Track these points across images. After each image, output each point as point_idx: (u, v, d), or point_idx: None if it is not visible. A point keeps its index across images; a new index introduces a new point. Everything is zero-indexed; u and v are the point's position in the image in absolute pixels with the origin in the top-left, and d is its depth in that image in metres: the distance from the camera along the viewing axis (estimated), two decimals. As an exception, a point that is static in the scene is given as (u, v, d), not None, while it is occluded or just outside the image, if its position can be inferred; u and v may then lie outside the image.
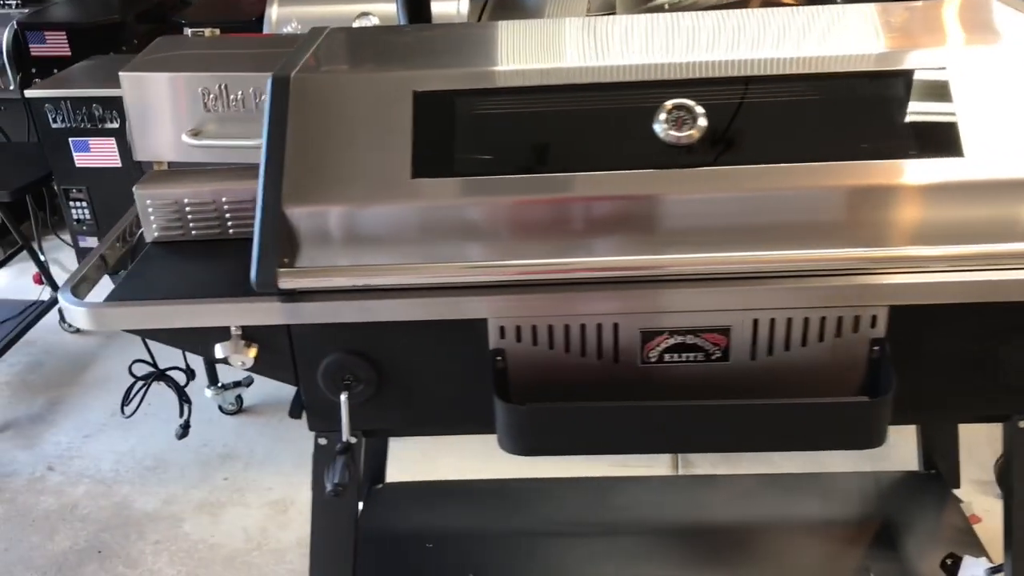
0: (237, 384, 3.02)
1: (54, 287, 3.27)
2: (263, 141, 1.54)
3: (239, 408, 3.07)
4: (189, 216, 1.74)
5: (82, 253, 2.87)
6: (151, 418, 2.93)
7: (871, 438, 1.52)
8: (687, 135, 1.51)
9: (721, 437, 1.53)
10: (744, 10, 1.83)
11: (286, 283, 1.50)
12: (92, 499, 2.70)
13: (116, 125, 2.62)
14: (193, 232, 1.76)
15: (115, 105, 2.58)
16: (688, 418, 1.50)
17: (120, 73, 2.43)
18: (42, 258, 3.34)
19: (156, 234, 1.77)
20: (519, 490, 2.33)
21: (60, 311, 3.01)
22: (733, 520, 2.21)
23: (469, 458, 2.59)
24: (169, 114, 2.52)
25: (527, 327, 1.56)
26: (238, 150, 2.47)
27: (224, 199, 1.73)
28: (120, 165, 2.67)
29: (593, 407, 1.51)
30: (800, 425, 1.51)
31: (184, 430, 2.25)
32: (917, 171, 1.48)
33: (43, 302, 3.32)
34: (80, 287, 1.66)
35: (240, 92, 2.47)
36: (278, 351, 1.61)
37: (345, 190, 1.52)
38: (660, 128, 1.52)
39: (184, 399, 2.16)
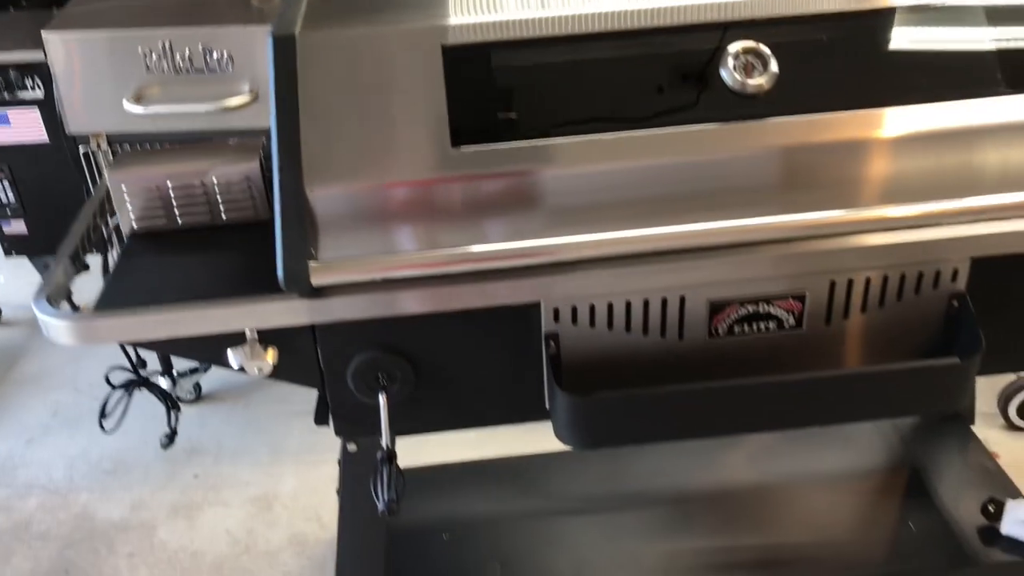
0: (194, 371, 2.77)
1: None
2: (271, 113, 1.31)
3: (198, 396, 2.82)
4: (174, 202, 1.50)
5: (8, 240, 2.55)
6: (101, 415, 2.66)
7: (960, 399, 1.42)
8: (757, 83, 1.35)
9: (804, 412, 1.41)
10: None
11: (319, 279, 1.29)
12: (48, 512, 2.44)
13: (39, 94, 2.30)
14: (179, 220, 1.52)
15: (36, 71, 2.26)
16: (772, 395, 1.38)
17: (43, 33, 2.13)
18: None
19: (135, 224, 1.52)
20: (528, 467, 2.18)
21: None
22: (757, 480, 2.12)
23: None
24: (106, 79, 2.23)
25: (584, 307, 1.40)
26: (191, 117, 2.22)
27: (215, 180, 1.49)
28: (47, 140, 2.35)
29: (668, 391, 1.36)
30: (889, 392, 1.40)
31: (170, 439, 2.02)
32: (1003, 110, 1.36)
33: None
34: (55, 296, 1.41)
35: (187, 49, 2.20)
36: (301, 353, 1.40)
37: (375, 166, 1.31)
38: (728, 75, 1.35)
39: (171, 405, 1.92)
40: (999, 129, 1.36)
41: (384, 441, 1.42)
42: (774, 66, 1.35)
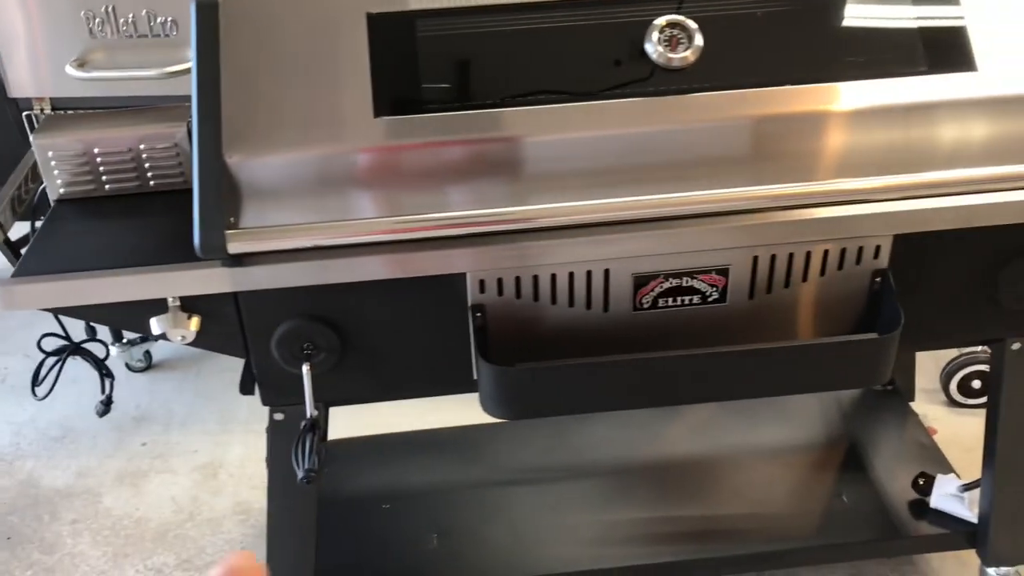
0: (144, 339, 2.76)
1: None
2: (192, 81, 1.30)
3: (149, 364, 2.82)
4: (101, 168, 1.49)
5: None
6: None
7: (881, 374, 1.44)
8: (682, 56, 1.35)
9: (725, 385, 1.43)
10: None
11: (236, 247, 1.29)
12: (-8, 479, 2.43)
13: (-22, 57, 2.26)
14: (107, 187, 1.51)
15: (-24, 33, 2.23)
16: (694, 367, 1.39)
17: (-16, -4, 2.07)
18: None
19: (62, 190, 1.51)
20: (475, 437, 2.20)
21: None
22: (699, 452, 2.14)
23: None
24: (48, 42, 2.20)
25: (510, 279, 1.40)
26: (134, 82, 2.19)
27: (143, 146, 1.48)
28: (-11, 104, 2.32)
29: (591, 363, 1.37)
30: (810, 366, 1.42)
31: (106, 407, 2.01)
32: (927, 89, 1.37)
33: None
34: (-24, 261, 1.40)
35: (131, 15, 2.17)
36: (224, 322, 1.40)
37: (296, 135, 1.31)
38: (652, 48, 1.35)
39: (105, 372, 1.92)
40: (922, 107, 1.37)
41: (307, 410, 1.42)
42: (699, 40, 1.35)
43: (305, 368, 1.40)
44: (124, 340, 2.74)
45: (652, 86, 1.36)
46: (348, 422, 2.27)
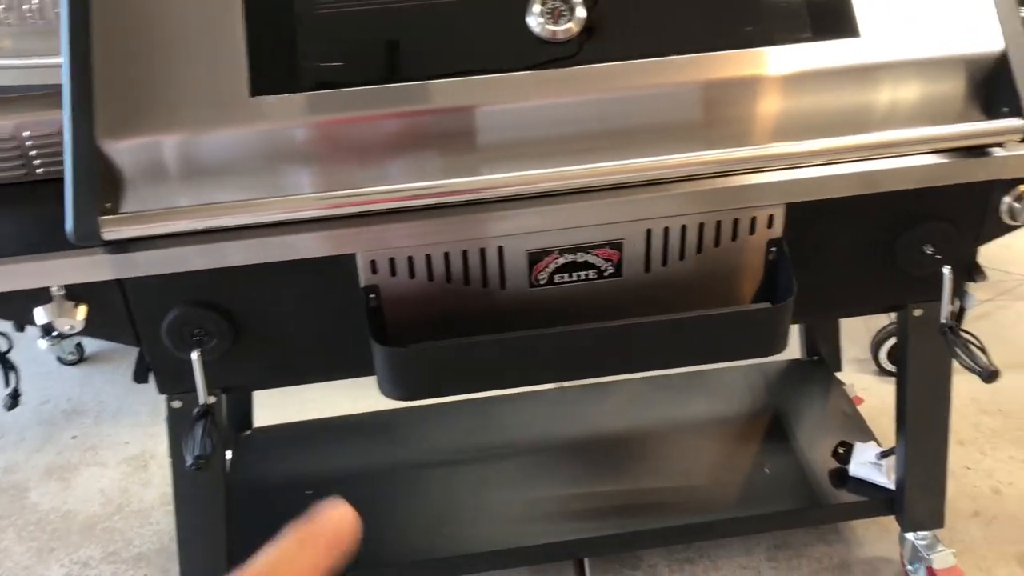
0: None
1: None
2: (63, 63, 1.28)
3: (81, 357, 2.78)
4: (-17, 157, 1.46)
5: None
6: (-22, 378, 2.61)
7: (776, 344, 1.44)
8: (565, 29, 1.34)
9: (623, 358, 1.42)
10: None
11: (111, 232, 1.26)
12: (-84, 477, 2.40)
13: None
14: (-9, 175, 1.48)
15: None
16: (584, 342, 1.38)
17: None
18: None
19: (-56, 181, 1.47)
20: (399, 421, 2.19)
21: None
22: (624, 428, 2.14)
23: (338, 387, 2.41)
24: (-51, 31, 2.15)
25: (402, 259, 1.39)
26: (40, 70, 2.15)
27: (27, 133, 1.45)
28: None
29: (484, 340, 1.36)
30: (703, 338, 1.42)
31: (13, 400, 1.98)
32: (811, 56, 1.36)
33: None
34: None
35: (36, 1, 2.12)
36: (111, 310, 1.38)
37: (171, 115, 1.28)
38: (534, 21, 1.34)
39: (8, 366, 1.88)
40: (807, 75, 1.36)
41: (201, 397, 1.40)
42: (582, 12, 1.34)
43: (195, 355, 1.39)
44: (55, 333, 2.70)
45: (535, 59, 1.35)
46: (276, 410, 2.27)
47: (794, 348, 2.35)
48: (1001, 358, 2.60)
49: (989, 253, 1.71)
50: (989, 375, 1.41)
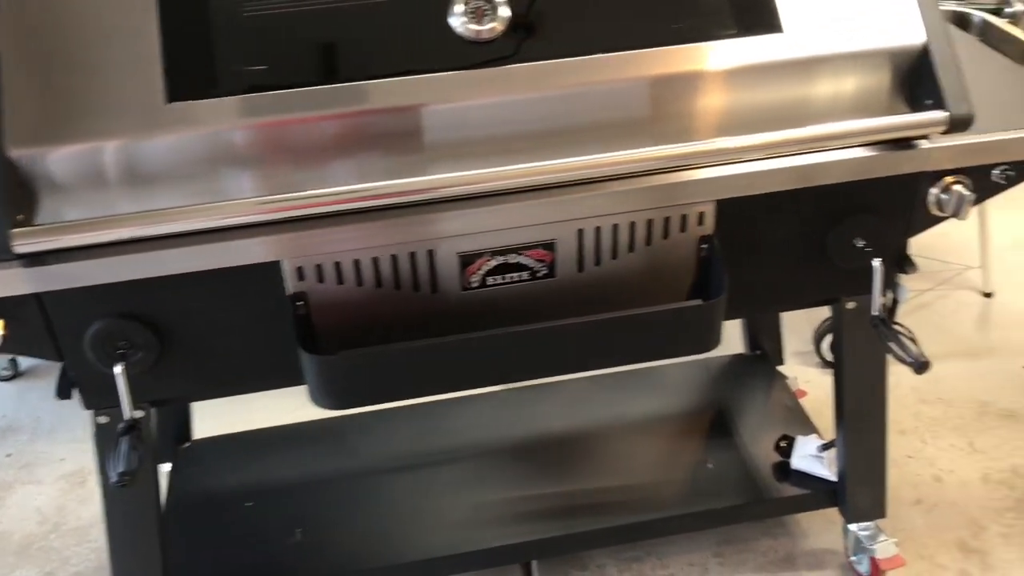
0: (8, 346, 2.65)
1: None
2: (-32, 70, 1.24)
3: (15, 372, 2.71)
4: None
5: None
6: (-92, 397, 2.54)
7: (709, 341, 1.44)
8: (489, 28, 1.33)
9: (556, 360, 1.41)
10: None
11: (24, 245, 1.22)
12: None
13: None
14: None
15: None
16: (515, 344, 1.37)
17: None
18: None
19: None
20: (343, 428, 2.15)
21: None
22: (569, 428, 2.14)
23: (287, 394, 2.38)
24: None
25: (329, 265, 1.36)
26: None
27: (-65, 145, 1.40)
28: None
29: (415, 346, 1.34)
30: (635, 337, 1.41)
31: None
32: (736, 53, 1.36)
33: None
34: None
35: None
36: (30, 324, 1.34)
37: (84, 124, 1.25)
38: (457, 22, 1.32)
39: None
40: (734, 72, 1.36)
41: (126, 412, 1.37)
42: (505, 11, 1.32)
43: (118, 369, 1.35)
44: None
45: (461, 60, 1.33)
46: (221, 420, 2.23)
47: (737, 343, 2.36)
48: (941, 347, 2.66)
49: (927, 243, 1.72)
50: (920, 366, 1.43)
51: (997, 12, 2.02)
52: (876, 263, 1.49)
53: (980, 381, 2.50)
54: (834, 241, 1.50)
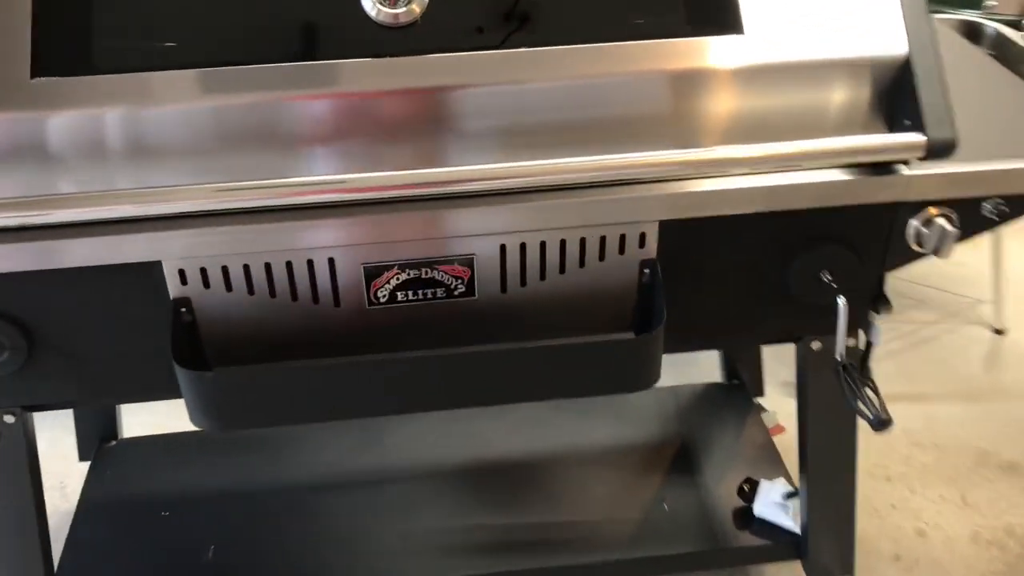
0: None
1: None
2: None
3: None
4: None
5: None
6: None
7: (642, 379, 1.27)
8: (404, 11, 1.17)
9: (467, 391, 1.25)
10: None
11: None
12: None
13: None
14: None
15: None
16: (418, 372, 1.21)
17: None
18: None
19: None
20: (280, 436, 2.01)
21: None
22: (518, 452, 1.97)
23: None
24: None
25: (215, 269, 1.22)
26: None
27: None
28: None
29: (303, 367, 1.19)
30: (557, 370, 1.25)
31: None
32: (685, 54, 1.20)
33: None
34: None
35: None
36: None
37: (-65, 97, 1.11)
38: (370, 3, 1.17)
39: None
40: (680, 76, 1.20)
41: (-17, 418, 1.23)
42: (422, -7, 1.17)
43: (-24, 370, 1.21)
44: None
45: (374, 47, 1.17)
46: (144, 419, 2.10)
47: (714, 370, 2.19)
48: (942, 386, 2.46)
49: (938, 271, 1.53)
50: (879, 424, 1.25)
51: (1015, 25, 1.82)
52: (842, 301, 1.31)
53: (982, 427, 2.30)
54: (796, 273, 1.32)
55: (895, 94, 1.21)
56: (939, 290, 2.74)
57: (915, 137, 1.17)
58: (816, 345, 1.43)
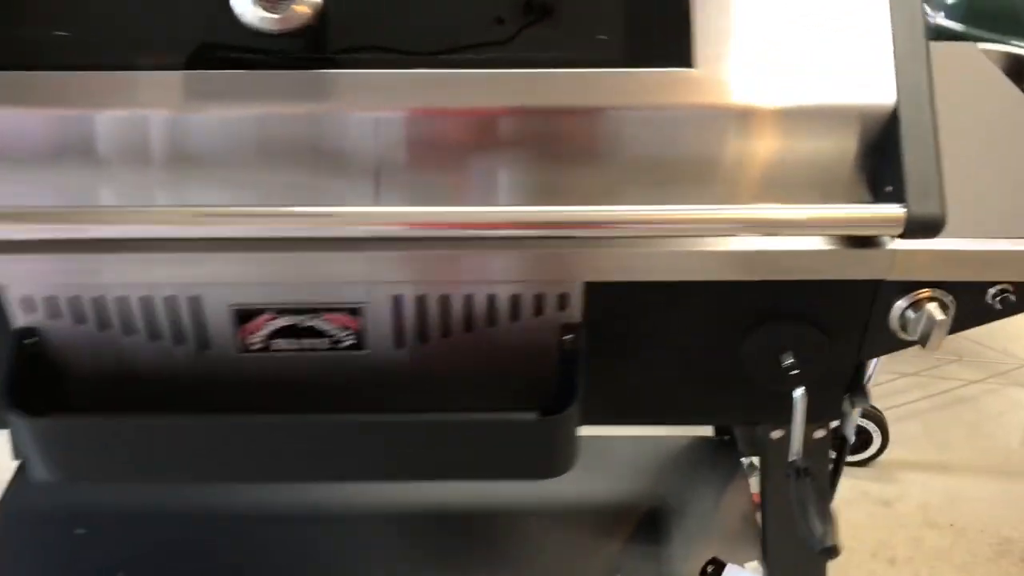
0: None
1: None
2: None
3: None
4: None
5: None
6: None
7: (552, 465, 1.08)
8: (285, 16, 0.99)
9: (331, 464, 1.07)
10: None
11: None
12: None
13: None
14: None
15: None
16: (277, 438, 1.04)
17: None
18: None
19: None
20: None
21: None
22: (473, 500, 1.78)
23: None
24: None
25: (63, 298, 1.06)
26: None
27: None
28: None
29: (128, 422, 1.02)
30: (448, 449, 1.06)
31: None
32: (617, 88, 0.99)
33: None
34: None
35: None
36: None
37: None
38: (243, 7, 0.99)
39: None
40: (603, 113, 0.99)
41: None
42: (306, -3, 0.98)
43: None
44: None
45: (248, 56, 1.00)
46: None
47: (705, 422, 1.97)
48: (970, 456, 2.19)
49: (989, 325, 1.31)
50: (824, 551, 1.03)
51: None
52: (799, 393, 1.09)
53: (1009, 510, 2.04)
54: (751, 353, 1.11)
55: (877, 153, 0.99)
56: (983, 346, 2.46)
57: (892, 209, 0.95)
58: (777, 434, 1.21)
